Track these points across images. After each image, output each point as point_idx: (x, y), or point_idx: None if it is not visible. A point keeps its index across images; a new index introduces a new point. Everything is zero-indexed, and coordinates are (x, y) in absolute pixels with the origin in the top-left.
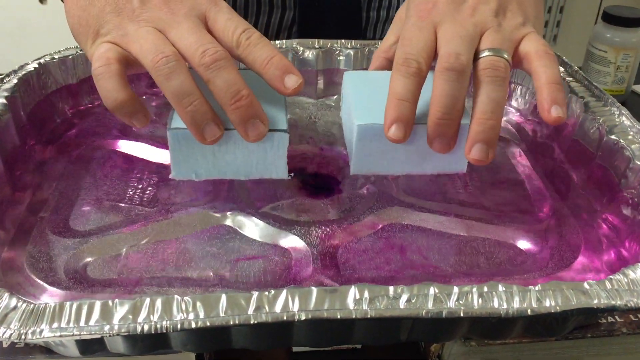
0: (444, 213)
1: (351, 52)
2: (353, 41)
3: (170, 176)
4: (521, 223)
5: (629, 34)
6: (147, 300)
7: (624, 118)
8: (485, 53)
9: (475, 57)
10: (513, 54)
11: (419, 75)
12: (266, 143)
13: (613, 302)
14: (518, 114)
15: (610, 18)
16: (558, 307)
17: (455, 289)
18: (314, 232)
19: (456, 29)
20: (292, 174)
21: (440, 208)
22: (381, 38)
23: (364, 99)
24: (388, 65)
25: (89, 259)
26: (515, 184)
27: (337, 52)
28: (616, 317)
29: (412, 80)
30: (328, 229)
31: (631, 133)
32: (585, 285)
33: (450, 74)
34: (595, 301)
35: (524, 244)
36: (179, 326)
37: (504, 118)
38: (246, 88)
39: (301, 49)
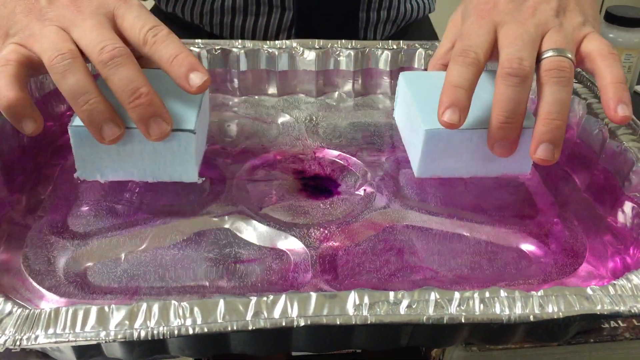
0: (445, 215)
1: (351, 52)
2: (353, 41)
3: (75, 175)
4: (523, 227)
5: (631, 34)
6: (144, 305)
7: None
8: (550, 53)
9: (539, 57)
10: (575, 54)
11: (476, 65)
12: (172, 143)
13: (617, 308)
14: None
15: (613, 18)
16: (561, 313)
17: (457, 295)
18: (313, 234)
19: (518, 30)
20: (203, 178)
21: (441, 210)
22: (382, 38)
23: (426, 101)
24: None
25: (87, 263)
26: (517, 187)
27: (337, 52)
28: (619, 322)
29: (469, 69)
30: (327, 232)
31: (634, 135)
32: (589, 290)
33: (512, 80)
34: (599, 307)
35: (527, 248)
36: (175, 332)
37: None
38: (146, 85)
39: (301, 49)
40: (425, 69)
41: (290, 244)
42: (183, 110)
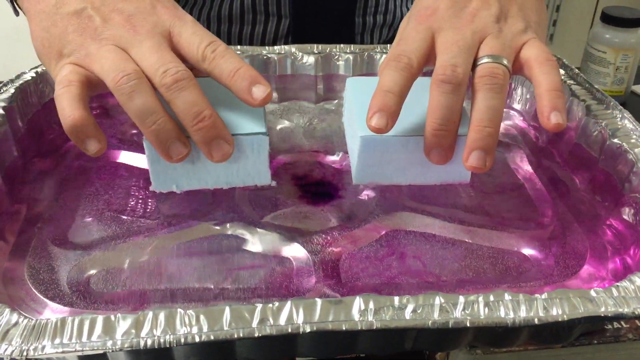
0: (447, 219)
1: (350, 57)
2: (352, 46)
3: (151, 188)
4: (525, 229)
5: (628, 35)
6: (150, 314)
7: (626, 121)
8: (484, 60)
9: (474, 63)
10: (514, 61)
11: (408, 70)
12: (246, 148)
13: (620, 310)
14: (522, 118)
15: (610, 19)
16: (565, 316)
17: (461, 299)
18: (316, 240)
19: (455, 37)
20: (275, 182)
21: (443, 213)
22: (379, 42)
23: (365, 107)
24: None
25: (91, 272)
26: (518, 190)
27: (336, 57)
28: (622, 323)
29: (401, 74)
30: (329, 237)
31: (634, 136)
32: (592, 293)
33: (446, 87)
34: (603, 309)
35: (528, 251)
36: (182, 340)
37: (508, 122)
38: (209, 108)
39: (300, 54)
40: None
41: (293, 250)
42: (249, 114)
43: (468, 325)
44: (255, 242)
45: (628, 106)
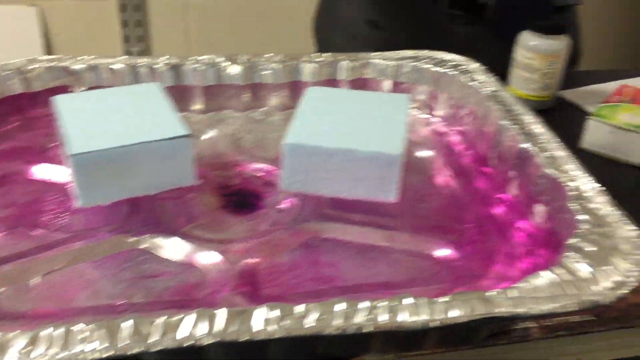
0: (366, 224)
1: (278, 65)
2: (279, 55)
3: (79, 205)
4: (441, 232)
5: (554, 41)
6: (48, 330)
7: (537, 126)
8: None
9: None
10: None
11: None
12: (170, 152)
13: (516, 310)
14: (443, 123)
15: (538, 27)
16: (464, 318)
17: (366, 304)
18: (234, 249)
19: None
20: (201, 180)
21: (362, 219)
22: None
23: (313, 115)
24: None
25: (0, 289)
26: (437, 193)
27: (263, 66)
28: (529, 323)
29: None
30: (248, 246)
31: (544, 141)
32: (491, 293)
33: None
34: (499, 309)
35: (442, 253)
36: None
37: (428, 128)
38: None
39: (226, 63)
40: (353, 81)
41: (210, 259)
42: (165, 118)
43: (367, 330)
44: (171, 252)
45: (555, 111)
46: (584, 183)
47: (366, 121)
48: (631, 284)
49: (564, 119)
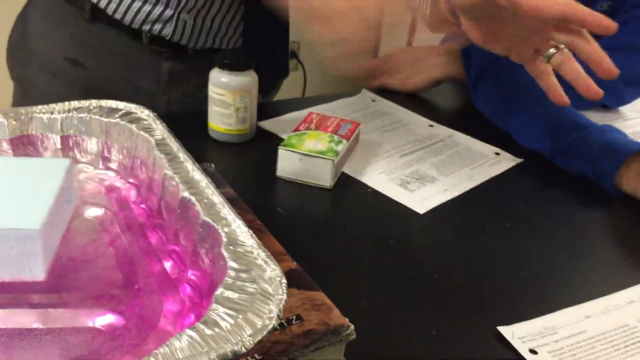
0: (16, 305)
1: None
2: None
3: None
4: (105, 299)
5: (242, 77)
6: None
7: (195, 174)
8: None
9: None
10: None
11: None
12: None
13: None
14: (118, 176)
15: (224, 64)
16: None
17: None
18: None
19: None
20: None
21: (11, 300)
22: None
23: None
24: None
25: None
26: (105, 255)
27: None
28: None
29: None
30: None
31: (201, 187)
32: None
33: None
34: None
35: (103, 322)
36: None
37: (106, 183)
38: None
39: None
40: (16, 138)
41: None
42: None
43: None
44: None
45: (255, 141)
46: (238, 226)
47: (9, 193)
48: (271, 326)
49: (263, 149)
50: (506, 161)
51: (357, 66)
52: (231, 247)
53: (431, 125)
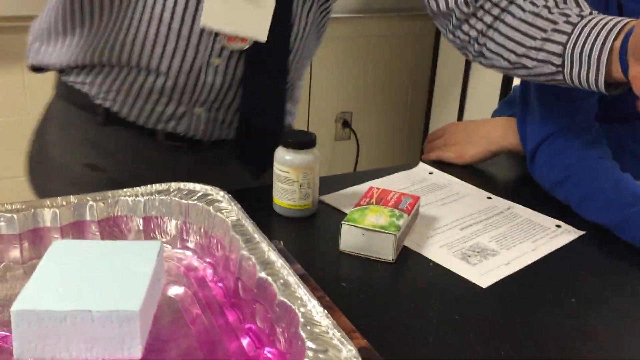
0: None
1: (9, 215)
2: (16, 204)
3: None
4: None
5: (305, 155)
6: None
7: (271, 254)
8: None
9: None
10: None
11: None
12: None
13: None
14: (196, 256)
15: (288, 143)
16: None
17: None
18: None
19: None
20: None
21: None
22: None
23: (52, 274)
24: None
25: None
26: (185, 334)
27: None
28: None
29: None
30: None
31: (276, 267)
32: None
33: None
34: None
35: None
36: None
37: (184, 262)
38: None
39: None
40: (102, 220)
41: None
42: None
43: None
44: None
45: (318, 216)
46: (313, 306)
47: (108, 276)
48: None
49: (325, 223)
50: (568, 233)
51: None
52: (308, 327)
53: (489, 197)
